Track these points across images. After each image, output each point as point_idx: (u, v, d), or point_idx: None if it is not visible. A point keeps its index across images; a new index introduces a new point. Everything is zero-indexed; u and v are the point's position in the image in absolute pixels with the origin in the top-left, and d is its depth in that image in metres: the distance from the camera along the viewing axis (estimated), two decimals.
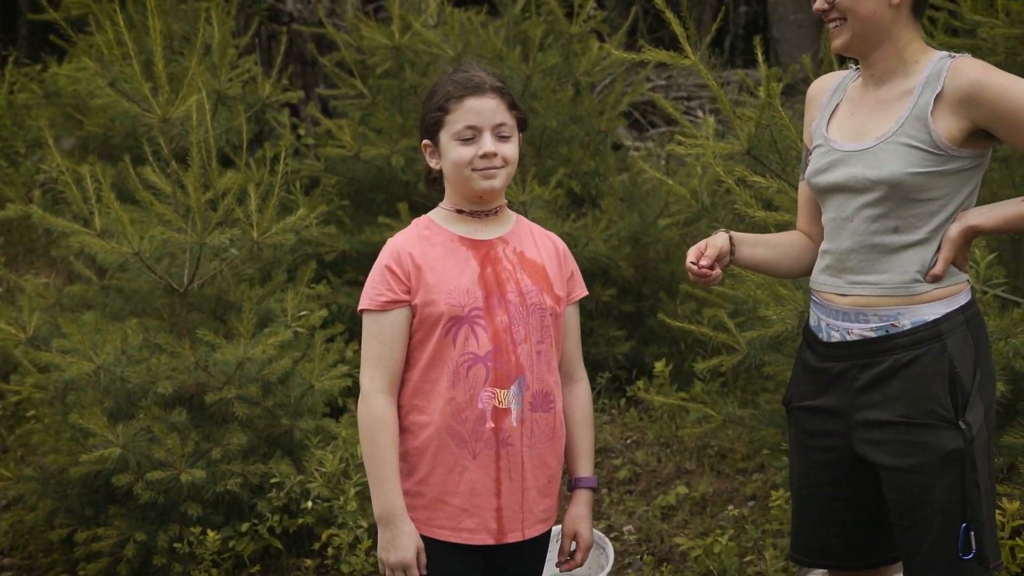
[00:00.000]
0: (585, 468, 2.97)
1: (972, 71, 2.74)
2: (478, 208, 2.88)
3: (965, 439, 2.76)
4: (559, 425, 2.91)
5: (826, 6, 2.84)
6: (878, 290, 2.83)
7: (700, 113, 8.81)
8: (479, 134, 2.79)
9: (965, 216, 2.80)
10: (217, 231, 4.79)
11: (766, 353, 4.47)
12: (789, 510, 4.56)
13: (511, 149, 2.83)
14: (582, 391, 3.01)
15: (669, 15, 4.28)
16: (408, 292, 2.81)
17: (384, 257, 2.85)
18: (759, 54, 4.54)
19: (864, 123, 2.87)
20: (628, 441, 5.82)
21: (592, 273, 5.97)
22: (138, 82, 4.96)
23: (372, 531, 4.68)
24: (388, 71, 6.45)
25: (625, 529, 4.97)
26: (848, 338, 2.87)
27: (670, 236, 6.21)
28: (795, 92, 5.67)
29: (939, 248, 2.80)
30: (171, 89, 5.03)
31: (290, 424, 4.84)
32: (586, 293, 3.03)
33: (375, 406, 2.79)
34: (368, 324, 2.83)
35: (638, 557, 4.73)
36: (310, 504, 4.63)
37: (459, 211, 2.88)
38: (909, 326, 2.80)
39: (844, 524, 2.99)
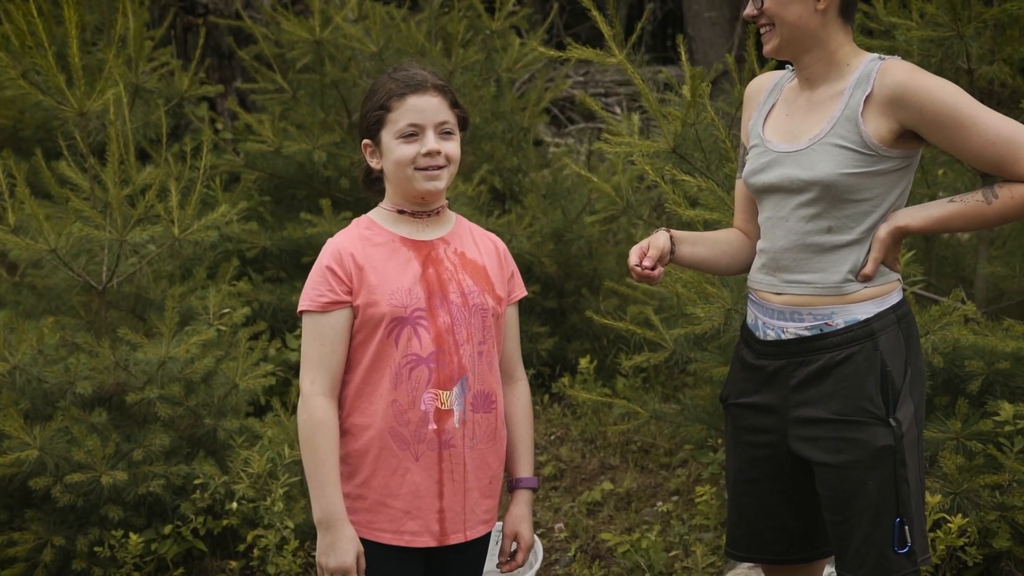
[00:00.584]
0: (525, 468, 2.96)
1: (900, 73, 2.78)
2: (419, 208, 2.85)
3: (895, 436, 2.81)
4: (500, 426, 2.90)
5: (755, 12, 2.89)
6: (812, 289, 2.87)
7: (618, 109, 8.84)
8: (422, 132, 2.77)
9: (894, 216, 2.85)
10: (138, 228, 4.69)
11: (692, 350, 4.51)
12: (715, 505, 4.62)
13: (454, 147, 2.81)
14: (522, 391, 3.00)
15: (595, 14, 4.29)
16: (350, 293, 2.77)
17: (325, 257, 2.81)
18: (682, 52, 4.57)
19: (798, 124, 2.91)
20: (552, 437, 5.82)
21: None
22: (53, 74, 4.83)
23: (299, 532, 4.63)
24: (308, 65, 6.37)
25: (556, 527, 4.97)
26: (783, 336, 2.91)
27: (592, 232, 6.23)
28: (716, 91, 5.71)
29: (870, 248, 2.84)
30: (87, 82, 4.91)
31: (214, 424, 4.77)
32: (525, 293, 3.02)
33: (316, 409, 2.75)
34: (308, 325, 2.79)
35: (566, 554, 4.74)
36: (235, 505, 4.56)
37: (400, 211, 2.85)
38: (842, 325, 2.84)
39: (780, 518, 3.03)
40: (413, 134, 2.77)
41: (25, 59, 5.63)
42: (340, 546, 2.73)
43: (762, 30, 2.90)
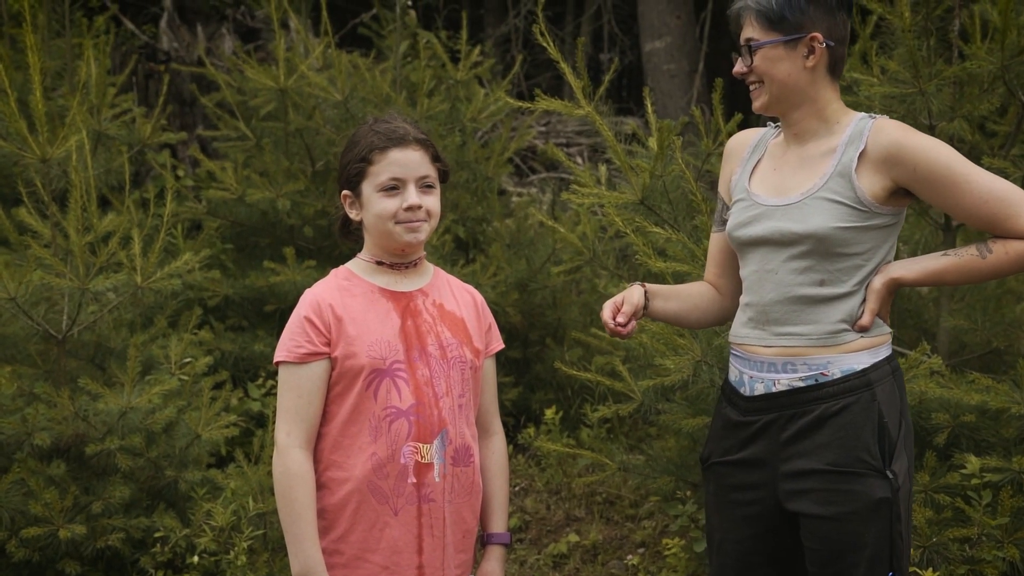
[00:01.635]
0: (499, 524, 2.94)
1: (894, 132, 2.83)
2: (399, 260, 2.83)
3: (892, 488, 2.81)
4: (477, 479, 2.88)
5: (744, 70, 2.92)
6: (805, 340, 2.87)
7: (579, 160, 8.88)
8: (403, 186, 2.76)
9: (888, 269, 2.87)
10: (100, 276, 4.62)
11: (660, 402, 4.49)
12: (684, 559, 4.59)
13: (434, 201, 2.79)
14: (498, 445, 2.98)
15: (565, 67, 4.31)
16: (328, 344, 2.74)
17: (303, 308, 2.78)
18: (648, 104, 4.59)
19: (787, 179, 2.93)
20: (517, 489, 5.78)
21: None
22: (15, 120, 4.77)
23: None
24: (272, 113, 6.35)
25: (523, 568, 4.92)
26: (774, 389, 2.90)
27: (556, 283, 6.22)
28: (687, 144, 5.75)
29: (864, 300, 2.85)
30: (48, 128, 4.85)
31: (175, 475, 4.69)
32: (503, 346, 3.01)
33: (292, 462, 2.71)
34: (285, 376, 2.76)
35: None
36: (196, 559, 4.48)
37: (379, 262, 2.83)
38: (839, 375, 2.85)
39: None
40: (395, 187, 2.75)
41: None
42: None
43: (751, 87, 2.93)
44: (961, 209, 2.82)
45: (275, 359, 2.79)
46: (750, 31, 2.89)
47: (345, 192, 2.83)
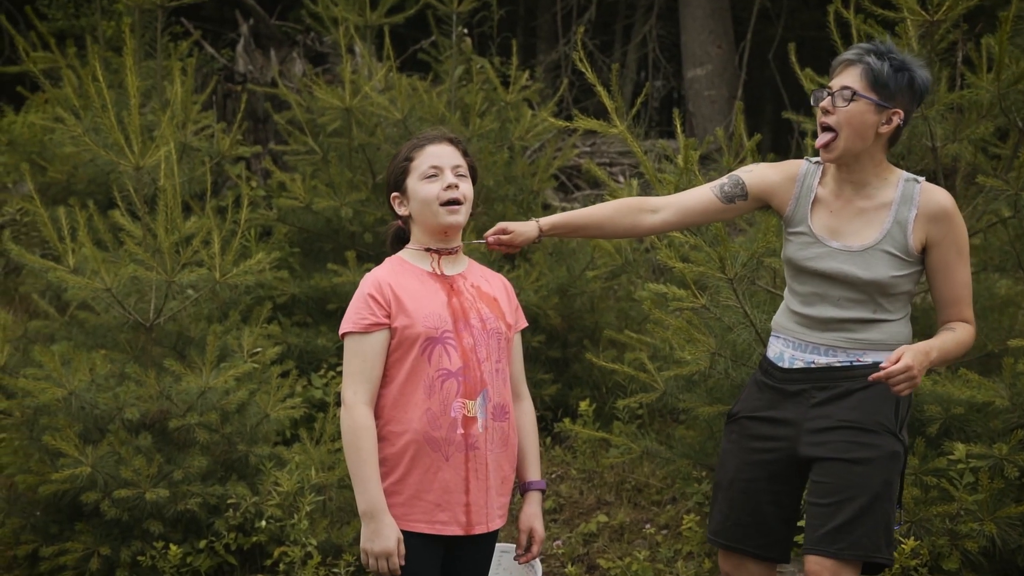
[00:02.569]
0: (534, 472, 3.36)
1: (943, 198, 3.37)
2: (443, 246, 3.28)
3: (904, 446, 3.37)
4: (512, 434, 3.31)
5: (831, 108, 3.35)
6: (853, 343, 3.39)
7: (622, 178, 9.30)
8: (441, 172, 3.23)
9: (927, 353, 3.27)
10: (185, 271, 5.11)
11: (682, 392, 4.90)
12: (699, 532, 4.98)
13: (468, 186, 3.26)
14: (528, 407, 3.41)
15: (600, 90, 4.73)
16: (388, 317, 3.18)
17: (366, 287, 3.22)
18: (677, 125, 5.01)
19: (845, 225, 3.42)
20: (553, 476, 6.20)
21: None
22: (114, 133, 5.27)
23: (322, 548, 5.01)
24: (338, 130, 6.82)
25: (555, 543, 5.35)
26: (812, 365, 3.41)
27: (594, 289, 6.63)
28: (709, 161, 6.14)
29: (899, 360, 3.24)
30: (141, 141, 5.34)
31: (246, 450, 5.15)
32: (527, 324, 3.47)
33: (359, 416, 3.13)
34: (351, 345, 3.18)
35: (563, 569, 5.11)
36: (264, 523, 4.94)
37: (427, 249, 3.27)
38: (870, 362, 3.37)
39: (766, 517, 3.48)
40: (434, 175, 3.22)
41: (86, 119, 6.13)
42: (383, 532, 3.10)
43: (824, 134, 3.37)
44: (950, 282, 3.37)
45: (341, 331, 3.21)
46: (851, 80, 3.32)
47: (394, 194, 3.29)
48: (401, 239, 3.36)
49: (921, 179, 3.38)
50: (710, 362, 4.65)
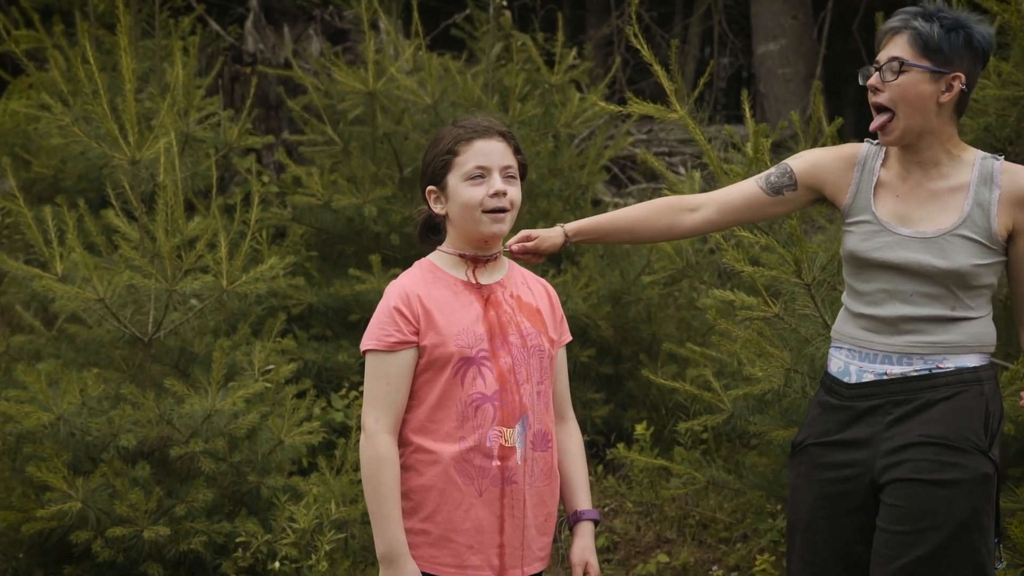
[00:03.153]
0: (585, 501, 3.33)
1: None
2: (481, 253, 3.25)
3: (995, 467, 3.28)
4: (555, 464, 3.28)
5: (880, 85, 3.31)
6: (930, 347, 3.34)
7: (682, 170, 9.24)
8: (488, 174, 3.18)
9: None
10: (187, 278, 5.12)
11: (751, 413, 4.84)
12: (776, 574, 4.91)
13: (516, 192, 3.22)
14: (574, 429, 3.38)
15: (657, 68, 4.68)
16: (416, 334, 3.16)
17: (392, 298, 3.20)
18: (746, 108, 4.95)
19: (915, 210, 3.37)
20: (606, 509, 6.15)
21: (570, 332, 6.30)
22: (107, 122, 5.27)
23: None
24: (360, 117, 6.83)
25: None
26: (884, 377, 3.35)
27: (652, 295, 6.58)
28: (783, 149, 6.08)
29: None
30: (137, 131, 5.34)
31: (257, 481, 5.15)
32: (571, 338, 3.45)
33: (380, 446, 3.12)
34: (374, 364, 3.17)
35: None
36: (277, 565, 4.92)
37: (461, 255, 3.24)
38: (953, 368, 3.31)
39: (856, 557, 3.39)
40: (480, 176, 3.17)
41: (75, 106, 6.15)
42: None
43: (879, 114, 3.33)
44: None
45: (363, 347, 3.19)
46: (899, 50, 3.28)
47: (431, 187, 3.25)
48: (432, 228, 3.33)
49: (1000, 157, 3.35)
50: (784, 379, 4.61)
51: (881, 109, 3.32)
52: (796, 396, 4.65)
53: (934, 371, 3.31)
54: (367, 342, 3.19)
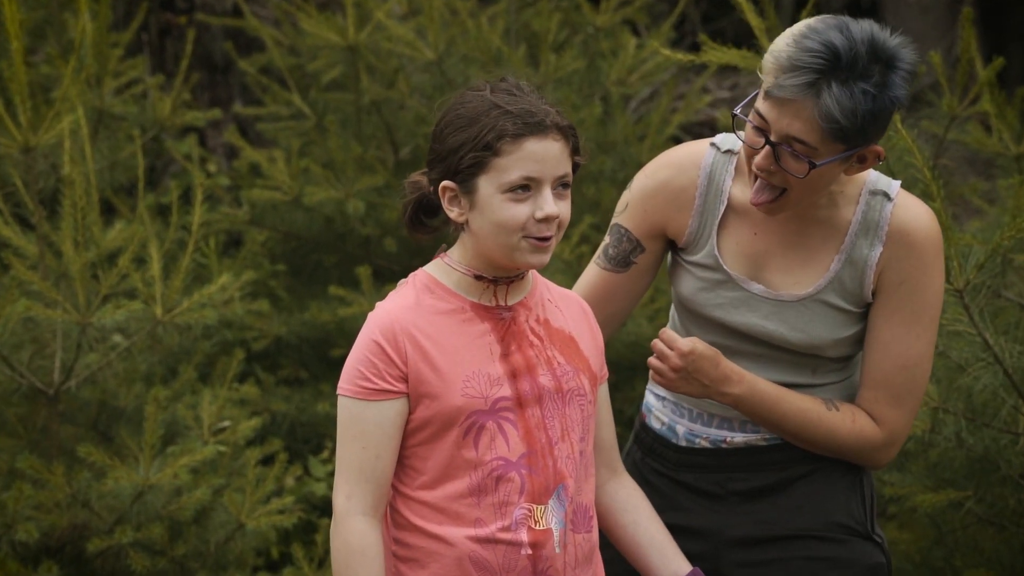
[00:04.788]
0: (682, 560, 3.27)
1: (914, 218, 3.38)
2: (504, 275, 3.17)
3: (885, 553, 3.42)
4: (597, 547, 3.23)
5: (774, 168, 3.26)
6: None
7: None
8: (537, 188, 3.07)
9: (713, 373, 3.37)
10: (107, 306, 5.06)
11: (888, 469, 4.80)
12: None
13: (567, 209, 3.13)
14: (630, 481, 3.36)
15: (742, 0, 4.63)
16: (404, 380, 3.09)
17: (373, 329, 3.13)
18: None
19: (775, 257, 3.43)
20: None
21: (633, 364, 6.24)
22: None
23: None
24: (338, 81, 6.80)
25: None
26: (724, 446, 3.45)
27: None
28: (920, 104, 5.98)
29: None
30: (31, 106, 5.30)
31: None
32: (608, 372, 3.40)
33: (353, 533, 3.06)
34: (347, 417, 3.12)
35: None
36: None
37: (477, 276, 3.17)
38: None
39: None
40: (526, 188, 3.08)
41: None
42: None
43: (761, 191, 3.31)
44: (888, 351, 3.36)
45: (338, 388, 3.13)
46: (804, 131, 3.19)
47: (449, 184, 3.14)
48: (428, 210, 3.24)
49: (895, 189, 3.39)
50: (931, 422, 4.56)
51: (767, 183, 3.32)
52: (948, 445, 4.62)
53: (788, 442, 3.41)
54: (340, 383, 3.14)
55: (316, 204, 6.53)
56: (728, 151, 3.47)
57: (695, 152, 3.50)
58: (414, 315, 3.14)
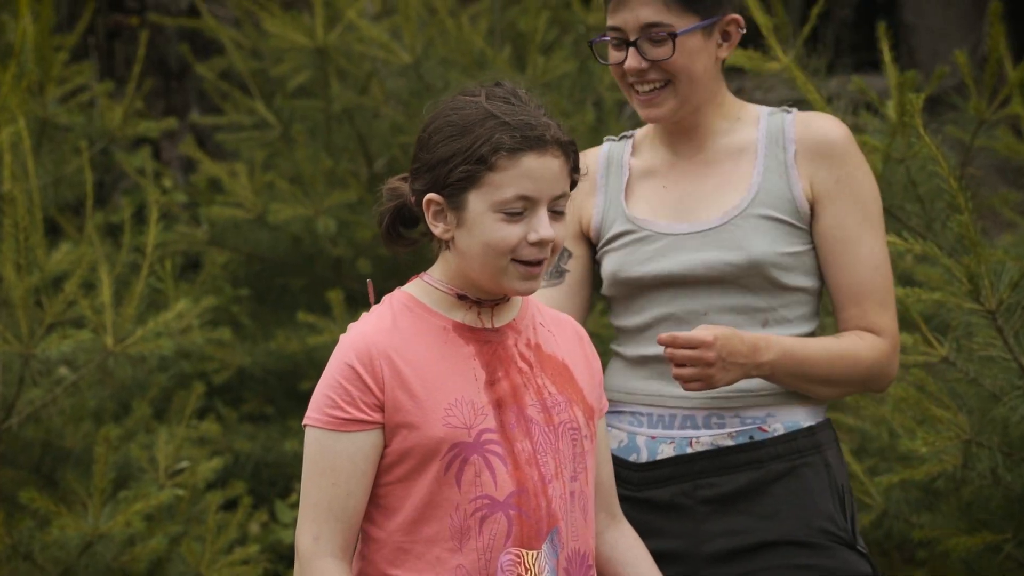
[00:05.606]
0: None
1: (830, 126, 3.53)
2: (488, 298, 3.16)
3: (873, 567, 3.44)
4: None
5: (644, 65, 3.43)
6: (744, 393, 3.45)
7: None
8: (532, 208, 3.06)
9: (751, 355, 3.40)
10: (51, 337, 5.06)
11: (915, 510, 4.78)
12: None
13: (563, 230, 3.13)
14: (632, 531, 3.33)
15: None
16: (380, 408, 3.06)
17: (347, 352, 3.11)
18: (885, 50, 4.89)
19: (690, 196, 3.55)
20: None
21: None
22: None
23: None
24: (306, 86, 6.80)
25: None
26: (689, 450, 3.47)
27: None
28: (942, 106, 6.00)
29: None
30: None
31: None
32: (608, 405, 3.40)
33: None
34: (315, 449, 3.09)
35: None
36: None
37: (461, 296, 3.17)
38: (782, 431, 3.46)
39: None
40: (519, 212, 3.06)
41: None
42: None
43: (645, 88, 3.47)
44: (850, 259, 3.46)
45: (304, 420, 3.11)
46: (652, 13, 3.42)
47: (434, 197, 3.13)
48: (407, 220, 3.21)
49: (791, 109, 3.56)
50: (963, 457, 4.56)
51: (650, 88, 3.49)
52: (983, 483, 4.61)
53: (756, 437, 3.44)
54: (308, 413, 3.12)
55: (282, 222, 6.54)
56: (623, 137, 3.66)
57: (594, 149, 3.65)
58: (391, 337, 3.12)
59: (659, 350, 3.41)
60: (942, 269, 4.45)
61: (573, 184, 3.15)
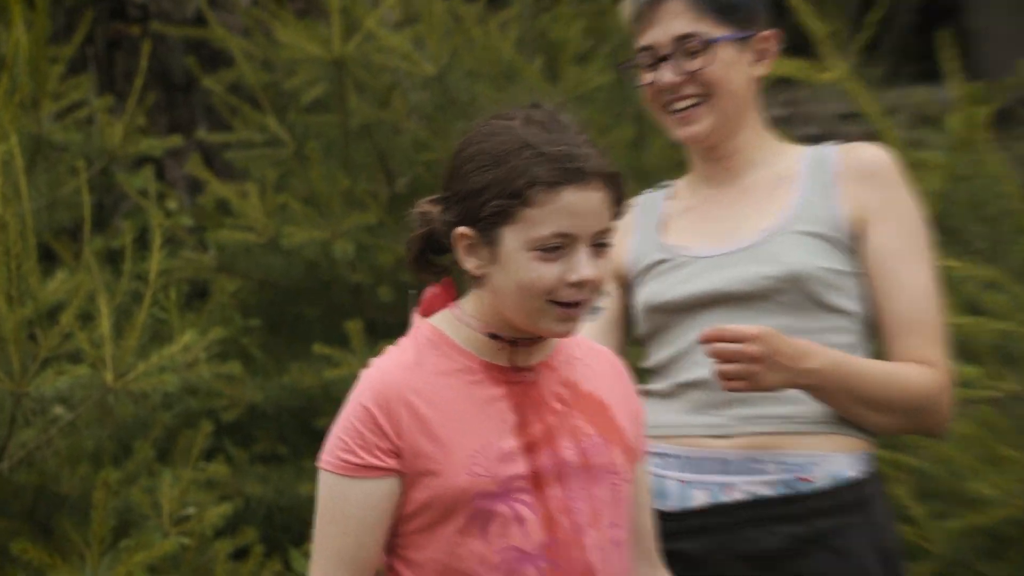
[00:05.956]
0: None
1: (876, 150, 3.62)
2: (523, 336, 3.14)
3: None
4: None
5: (680, 79, 3.54)
6: (784, 425, 3.47)
7: None
8: (571, 246, 3.03)
9: (798, 360, 3.41)
10: (47, 372, 5.07)
11: (981, 557, 4.75)
12: None
13: (606, 268, 3.10)
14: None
15: (800, 1, 4.65)
16: (397, 455, 3.05)
17: (364, 391, 3.12)
18: (948, 60, 4.87)
19: (727, 218, 3.64)
20: None
21: None
22: None
23: None
24: (322, 100, 6.80)
25: None
26: (723, 499, 3.47)
27: None
28: (1010, 120, 5.99)
29: None
30: None
31: None
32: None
33: None
34: (327, 494, 3.10)
35: None
36: None
37: (492, 336, 3.15)
38: (828, 485, 3.45)
39: None
40: (558, 247, 3.03)
41: None
42: None
43: (681, 104, 3.59)
44: (898, 289, 3.51)
45: (319, 462, 3.11)
46: (685, 24, 3.54)
47: (464, 230, 3.09)
48: (437, 247, 3.18)
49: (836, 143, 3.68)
50: None
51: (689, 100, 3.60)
52: None
53: (800, 490, 3.43)
54: (323, 455, 3.12)
55: (296, 247, 6.54)
56: (661, 186, 3.80)
57: (631, 203, 3.63)
58: (413, 376, 3.11)
59: (693, 375, 3.49)
60: (1010, 296, 4.45)
61: (619, 216, 3.13)
